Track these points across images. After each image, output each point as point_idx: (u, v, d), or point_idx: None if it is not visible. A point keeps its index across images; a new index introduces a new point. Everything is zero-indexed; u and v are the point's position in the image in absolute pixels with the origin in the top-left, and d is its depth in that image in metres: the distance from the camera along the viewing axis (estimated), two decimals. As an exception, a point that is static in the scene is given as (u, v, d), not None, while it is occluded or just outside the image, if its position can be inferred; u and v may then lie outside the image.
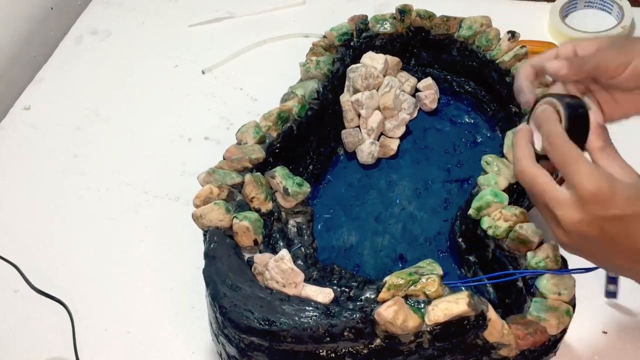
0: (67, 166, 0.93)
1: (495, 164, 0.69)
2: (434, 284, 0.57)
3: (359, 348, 0.58)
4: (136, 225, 0.85)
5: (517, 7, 1.04)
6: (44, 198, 0.90)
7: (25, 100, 1.03)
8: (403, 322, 0.55)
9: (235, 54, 1.04)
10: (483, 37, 0.81)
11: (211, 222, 0.65)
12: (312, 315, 0.56)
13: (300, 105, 0.76)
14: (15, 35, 1.09)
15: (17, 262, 0.77)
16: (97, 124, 0.98)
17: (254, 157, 0.71)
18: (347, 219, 0.78)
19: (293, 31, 1.05)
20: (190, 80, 1.02)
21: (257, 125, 0.74)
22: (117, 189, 0.90)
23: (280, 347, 0.58)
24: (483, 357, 0.59)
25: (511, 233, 0.63)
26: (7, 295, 0.80)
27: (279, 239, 0.69)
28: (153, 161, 0.92)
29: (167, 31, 1.11)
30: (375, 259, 0.74)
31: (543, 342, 0.58)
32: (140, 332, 0.75)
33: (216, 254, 0.63)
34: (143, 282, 0.79)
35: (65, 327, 0.74)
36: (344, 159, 0.84)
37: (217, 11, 1.11)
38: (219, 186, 0.67)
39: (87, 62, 1.08)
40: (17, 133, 0.99)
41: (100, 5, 1.17)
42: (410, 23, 0.85)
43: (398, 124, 0.82)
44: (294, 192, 0.68)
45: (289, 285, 0.59)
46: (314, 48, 0.83)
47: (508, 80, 0.78)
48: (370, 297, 0.60)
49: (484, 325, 0.57)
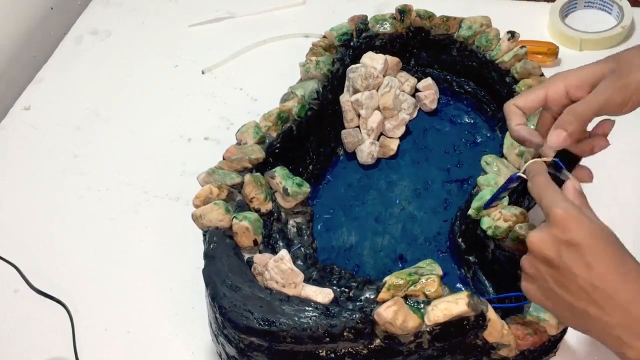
0: (67, 166, 0.93)
1: (495, 164, 0.69)
2: (433, 284, 0.57)
3: (359, 348, 0.58)
4: (136, 225, 0.85)
5: (517, 7, 1.04)
6: (44, 198, 0.90)
7: (25, 100, 1.03)
8: (403, 323, 0.55)
9: (235, 54, 1.04)
10: (483, 37, 0.81)
11: (211, 222, 0.65)
12: (311, 315, 0.57)
13: (300, 106, 0.76)
14: (15, 35, 1.09)
15: (17, 262, 0.77)
16: (97, 124, 0.98)
17: (253, 157, 0.71)
18: (347, 219, 0.78)
19: (293, 31, 1.05)
20: (190, 80, 1.02)
21: (257, 125, 0.74)
22: (117, 189, 0.90)
23: (280, 348, 0.58)
24: (483, 357, 0.59)
25: (511, 233, 0.63)
26: (7, 295, 0.80)
27: (278, 239, 0.69)
28: (153, 161, 0.92)
29: (167, 31, 1.11)
30: (375, 259, 0.74)
31: (543, 343, 0.58)
32: (140, 332, 0.75)
33: (216, 254, 0.63)
34: (143, 282, 0.79)
35: (65, 327, 0.74)
36: (343, 159, 0.84)
37: (217, 11, 1.11)
38: (219, 186, 0.67)
39: (87, 62, 1.08)
40: (17, 133, 0.99)
41: (100, 5, 1.17)
42: (410, 23, 0.85)
43: (398, 124, 0.82)
44: (294, 192, 0.68)
45: (288, 285, 0.59)
46: (314, 48, 0.83)
47: (508, 80, 0.78)
48: (370, 298, 0.60)
49: (483, 326, 0.57)
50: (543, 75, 0.76)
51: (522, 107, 0.58)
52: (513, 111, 0.58)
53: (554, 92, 0.57)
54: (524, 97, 0.58)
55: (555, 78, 0.58)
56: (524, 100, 0.58)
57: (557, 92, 0.57)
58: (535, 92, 0.58)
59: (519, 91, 0.75)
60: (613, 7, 0.99)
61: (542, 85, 0.58)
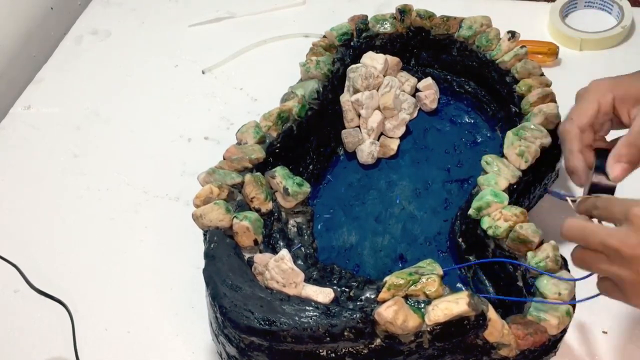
0: (67, 166, 0.93)
1: (495, 164, 0.69)
2: (434, 284, 0.57)
3: (359, 348, 0.58)
4: (136, 225, 0.85)
5: (517, 7, 1.04)
6: (44, 198, 0.90)
7: (25, 100, 1.03)
8: (403, 322, 0.55)
9: (235, 54, 1.04)
10: (483, 37, 0.81)
11: (211, 222, 0.65)
12: (312, 315, 0.56)
13: (300, 105, 0.76)
14: (15, 35, 1.09)
15: (17, 262, 0.77)
16: (97, 124, 0.98)
17: (254, 157, 0.71)
18: (347, 219, 0.78)
19: (293, 31, 1.05)
20: (190, 80, 1.02)
21: (257, 125, 0.74)
22: (117, 189, 0.90)
23: (280, 347, 0.58)
24: (483, 357, 0.59)
25: (511, 233, 0.63)
26: (7, 295, 0.80)
27: (279, 239, 0.69)
28: (153, 161, 0.92)
29: (167, 31, 1.11)
30: (375, 259, 0.74)
31: (543, 342, 0.58)
32: (140, 332, 0.75)
33: (216, 254, 0.63)
34: (143, 282, 0.79)
35: (65, 327, 0.74)
36: (344, 159, 0.84)
37: (217, 11, 1.11)
38: (219, 186, 0.67)
39: (87, 62, 1.08)
40: (17, 133, 0.99)
41: (100, 5, 1.17)
42: (410, 23, 0.85)
43: (398, 124, 0.82)
44: (294, 192, 0.68)
45: (289, 285, 0.59)
46: (314, 48, 0.83)
47: (508, 80, 0.78)
48: (370, 297, 0.60)
49: (484, 325, 0.57)
50: (543, 75, 0.76)
51: (583, 128, 0.55)
52: (575, 135, 0.56)
53: (605, 103, 0.55)
54: (582, 116, 0.55)
55: (602, 88, 0.55)
56: (585, 119, 0.55)
57: (607, 103, 0.55)
58: (590, 107, 0.55)
59: (519, 91, 0.75)
60: (613, 7, 0.99)
61: (592, 98, 0.56)
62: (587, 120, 0.55)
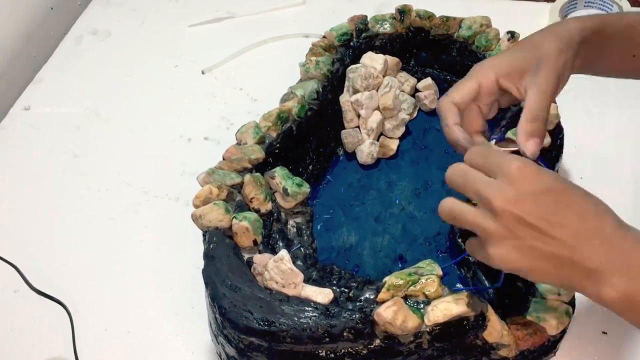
0: (67, 166, 0.93)
1: (495, 164, 0.69)
2: (433, 284, 0.57)
3: (359, 348, 0.58)
4: (136, 225, 0.85)
5: (517, 7, 1.04)
6: (44, 198, 0.90)
7: (25, 100, 1.03)
8: (402, 323, 0.55)
9: (235, 54, 1.04)
10: (483, 37, 0.81)
11: (211, 222, 0.65)
12: (311, 315, 0.57)
13: (300, 106, 0.76)
14: (15, 35, 1.09)
15: (17, 262, 0.77)
16: (97, 124, 0.99)
17: (253, 157, 0.71)
18: (346, 219, 0.78)
19: (293, 31, 1.06)
20: (190, 80, 1.02)
21: (256, 125, 0.74)
22: (117, 189, 0.90)
23: (280, 348, 0.58)
24: (482, 357, 0.59)
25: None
26: (7, 295, 0.80)
27: (278, 239, 0.69)
28: (153, 161, 0.92)
29: (167, 31, 1.11)
30: (375, 259, 0.74)
31: (542, 343, 0.59)
32: (140, 332, 0.75)
33: (216, 255, 0.63)
34: (143, 282, 0.79)
35: (65, 327, 0.74)
36: (343, 159, 0.84)
37: (217, 11, 1.11)
38: (219, 186, 0.67)
39: (87, 62, 1.08)
40: (17, 133, 0.99)
41: (100, 5, 1.17)
42: (410, 23, 0.85)
43: (398, 124, 0.82)
44: (294, 193, 0.68)
45: (288, 285, 0.59)
46: (314, 48, 0.83)
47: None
48: (369, 298, 0.60)
49: (483, 326, 0.57)
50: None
51: (458, 103, 0.57)
52: (450, 109, 0.57)
53: (487, 83, 0.56)
54: (459, 92, 0.57)
55: (484, 68, 0.57)
56: (460, 94, 0.57)
57: (489, 82, 0.56)
58: (468, 85, 0.57)
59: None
60: (613, 7, 0.99)
61: (472, 77, 0.57)
62: (461, 95, 0.57)
